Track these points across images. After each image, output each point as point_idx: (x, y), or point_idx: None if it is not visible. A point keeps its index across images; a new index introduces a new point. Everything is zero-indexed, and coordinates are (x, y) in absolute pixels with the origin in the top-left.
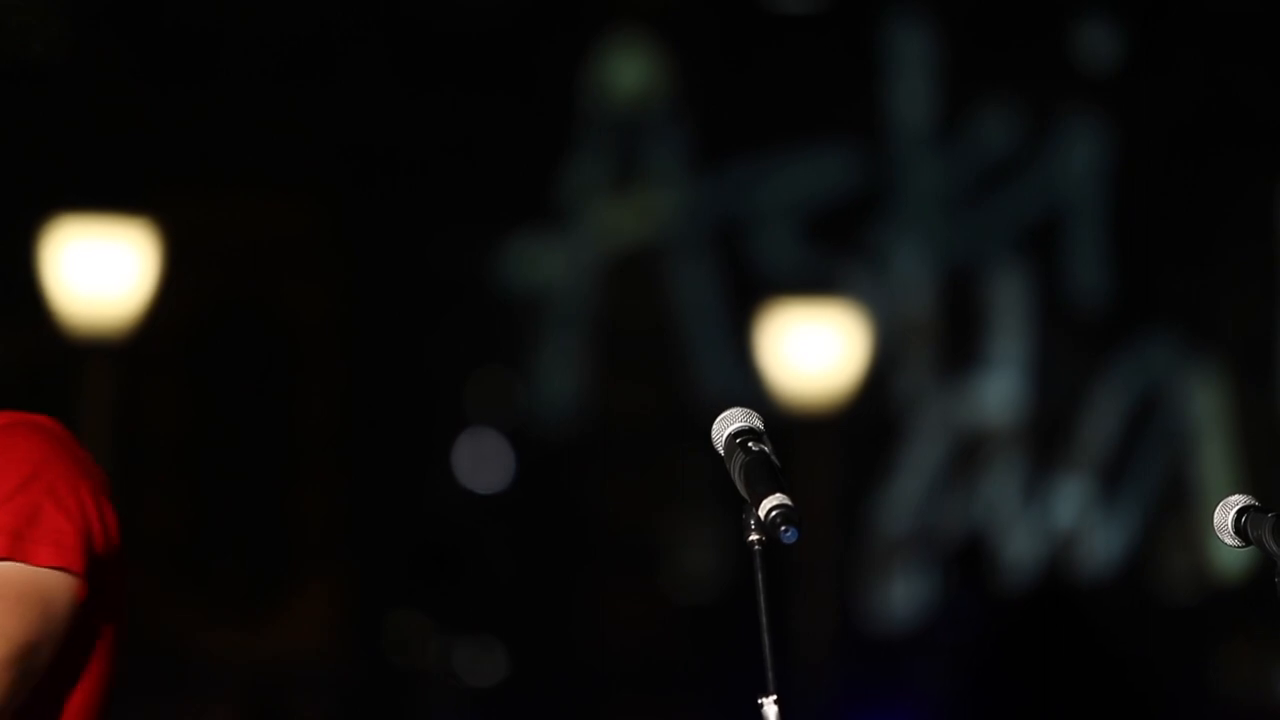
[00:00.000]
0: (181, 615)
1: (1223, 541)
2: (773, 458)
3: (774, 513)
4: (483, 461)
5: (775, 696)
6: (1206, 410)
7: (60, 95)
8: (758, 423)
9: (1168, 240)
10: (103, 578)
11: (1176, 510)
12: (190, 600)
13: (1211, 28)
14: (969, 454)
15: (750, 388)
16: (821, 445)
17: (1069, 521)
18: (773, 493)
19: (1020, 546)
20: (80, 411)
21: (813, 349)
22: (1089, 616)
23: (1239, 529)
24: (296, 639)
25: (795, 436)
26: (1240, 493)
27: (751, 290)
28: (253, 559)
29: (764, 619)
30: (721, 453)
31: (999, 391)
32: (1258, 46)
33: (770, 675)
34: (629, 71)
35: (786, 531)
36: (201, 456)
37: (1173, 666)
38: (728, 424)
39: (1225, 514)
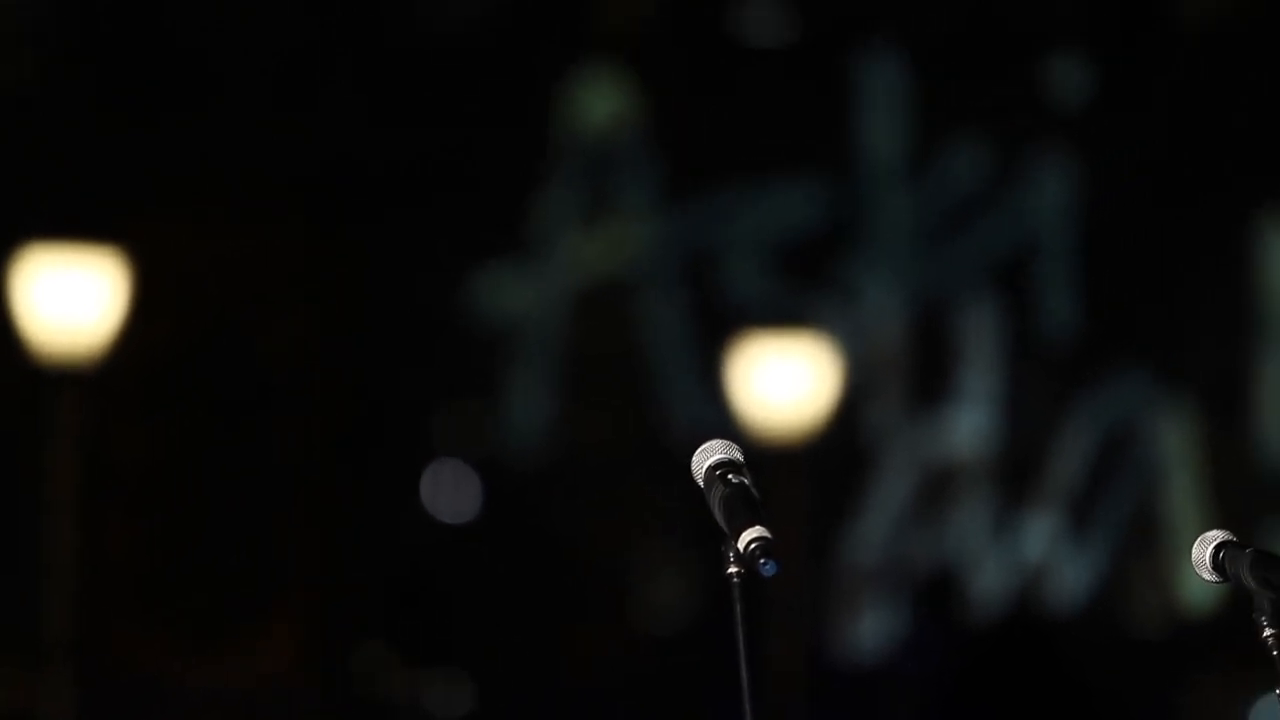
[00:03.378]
0: (150, 644)
1: (1200, 577)
2: (752, 490)
3: (753, 545)
4: (453, 492)
5: None
6: (1176, 445)
7: (30, 122)
8: (738, 455)
9: (1138, 276)
10: None
11: (1146, 545)
12: (159, 629)
13: (1183, 66)
14: (939, 487)
15: (720, 419)
16: (791, 478)
17: (1038, 555)
18: (752, 525)
19: (990, 580)
20: (50, 439)
21: (783, 381)
22: (1058, 649)
23: (1217, 564)
24: (265, 668)
25: (765, 469)
26: (1208, 528)
27: (722, 322)
28: (222, 588)
29: (743, 651)
30: (701, 484)
31: (969, 425)
32: (1229, 85)
33: (748, 707)
34: (601, 104)
35: (766, 564)
36: (170, 485)
37: (1142, 700)
38: (708, 455)
39: (1203, 549)
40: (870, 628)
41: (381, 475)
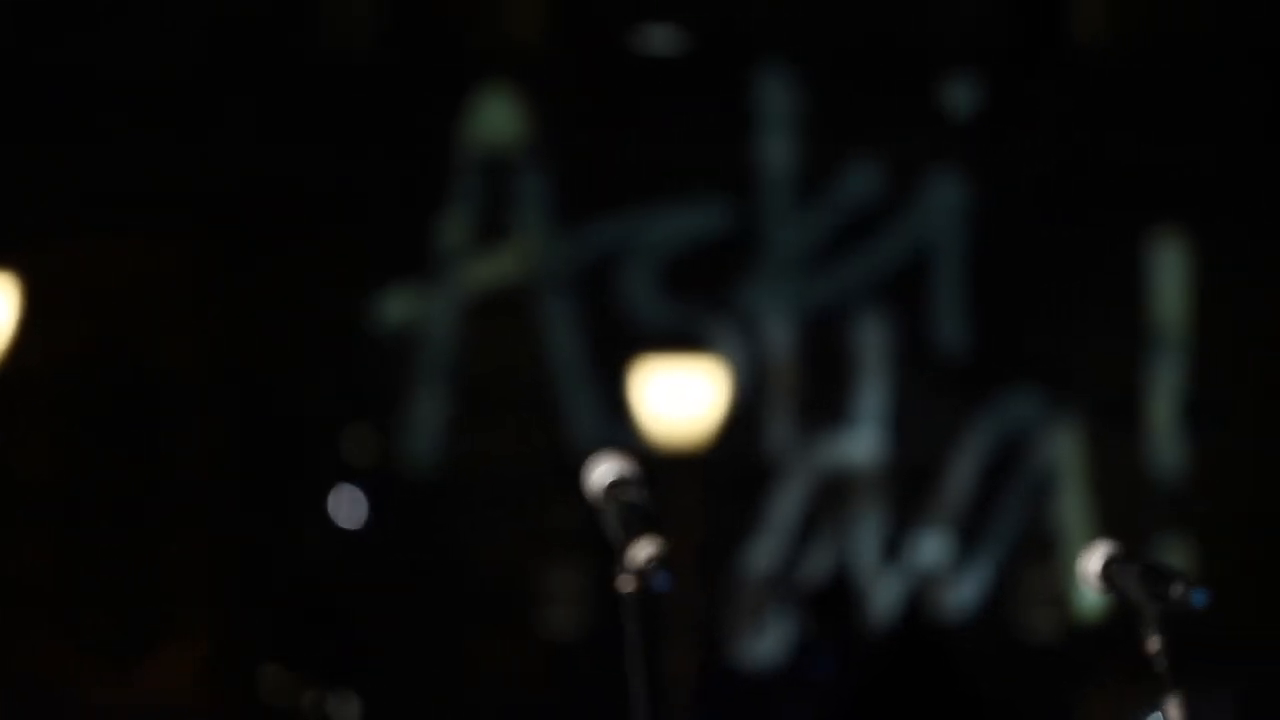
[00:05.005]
0: (51, 661)
1: (1087, 589)
2: (647, 505)
3: (647, 559)
4: (353, 510)
5: None
6: (1068, 459)
7: None
8: (632, 469)
9: (1031, 292)
10: None
11: (1037, 557)
12: (60, 646)
13: (1075, 84)
14: (834, 501)
15: (617, 435)
16: (687, 492)
17: (931, 567)
18: (647, 540)
19: (883, 591)
20: None
21: (679, 397)
22: (951, 660)
23: (1104, 577)
24: (167, 685)
25: (661, 484)
26: (1099, 541)
27: (619, 338)
28: (123, 605)
29: (638, 665)
30: (596, 500)
31: (862, 440)
32: (1121, 103)
33: (644, 718)
34: (499, 123)
35: (660, 578)
36: (70, 503)
37: (1035, 710)
38: (602, 471)
39: (1090, 562)
40: (764, 640)
41: (283, 492)
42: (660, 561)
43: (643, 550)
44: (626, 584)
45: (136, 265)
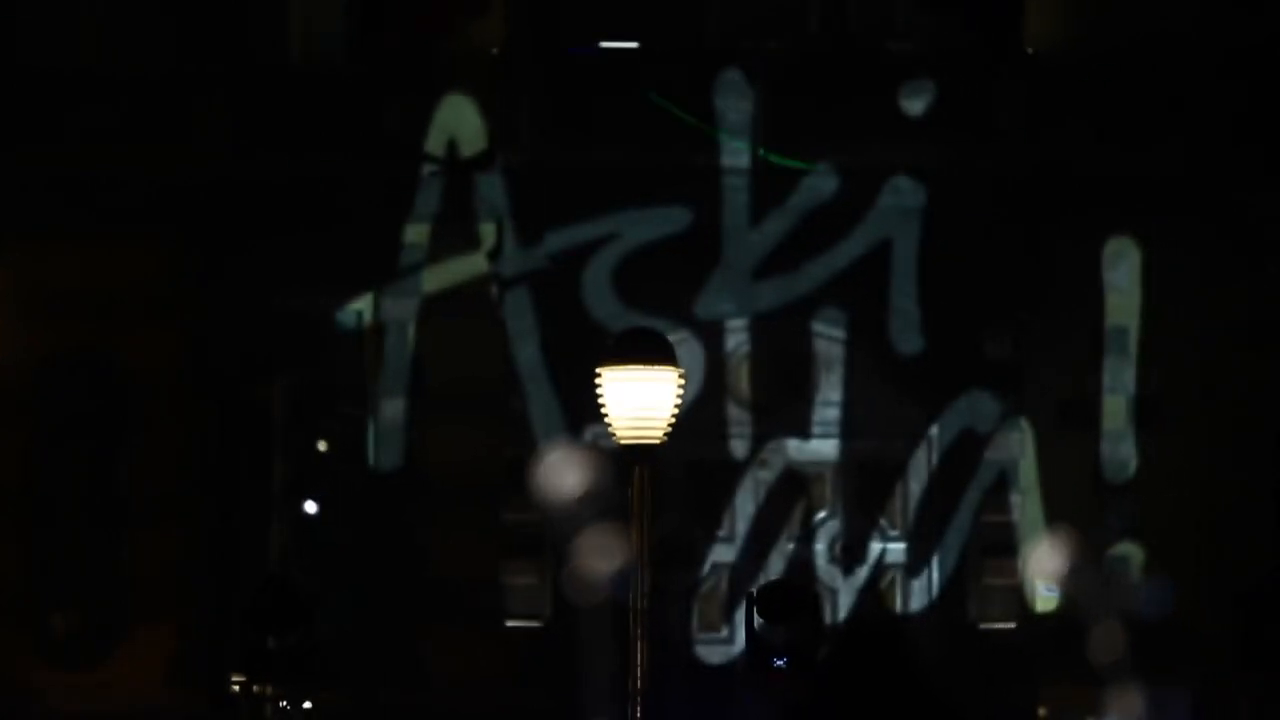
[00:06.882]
0: (15, 661)
1: (1041, 586)
2: (614, 512)
3: (616, 567)
4: (324, 511)
5: None
6: (1023, 458)
7: None
8: (596, 475)
9: (988, 295)
10: None
11: (992, 554)
12: (26, 646)
13: (1033, 90)
14: (792, 498)
15: (578, 436)
16: (648, 492)
17: (888, 564)
18: (615, 548)
19: (841, 586)
20: None
21: (640, 398)
22: (907, 654)
23: (1057, 574)
24: (132, 684)
25: (623, 483)
26: (1054, 537)
27: (581, 340)
28: (89, 606)
29: (604, 670)
30: (561, 507)
31: (822, 438)
32: (1079, 108)
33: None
34: (464, 129)
35: (623, 582)
36: (40, 502)
37: (990, 704)
38: (566, 477)
39: (1045, 559)
40: (724, 635)
41: (250, 495)
42: (625, 569)
43: (609, 559)
44: (589, 587)
45: (109, 267)
